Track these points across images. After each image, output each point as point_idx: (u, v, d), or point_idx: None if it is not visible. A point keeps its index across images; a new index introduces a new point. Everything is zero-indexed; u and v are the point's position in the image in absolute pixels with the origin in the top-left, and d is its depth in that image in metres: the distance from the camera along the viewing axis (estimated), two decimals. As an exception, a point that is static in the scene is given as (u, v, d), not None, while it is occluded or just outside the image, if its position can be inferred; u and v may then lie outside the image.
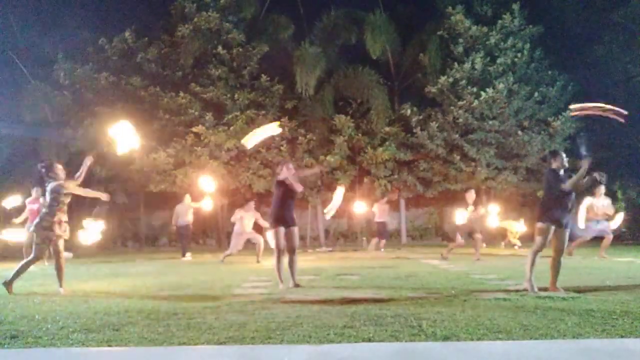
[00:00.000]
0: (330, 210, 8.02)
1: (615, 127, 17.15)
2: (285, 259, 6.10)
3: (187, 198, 12.79)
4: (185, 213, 12.64)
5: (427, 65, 17.83)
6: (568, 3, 17.63)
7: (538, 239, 5.51)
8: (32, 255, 5.83)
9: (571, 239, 7.37)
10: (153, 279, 7.30)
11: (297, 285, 5.99)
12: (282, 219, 6.04)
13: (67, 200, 5.89)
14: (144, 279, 7.21)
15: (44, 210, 5.91)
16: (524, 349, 3.05)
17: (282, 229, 6.02)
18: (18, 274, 5.78)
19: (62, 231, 5.82)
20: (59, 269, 5.83)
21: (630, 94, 16.71)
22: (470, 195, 10.37)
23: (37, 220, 5.88)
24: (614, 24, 16.77)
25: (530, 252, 5.57)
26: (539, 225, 5.51)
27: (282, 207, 6.08)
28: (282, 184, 6.12)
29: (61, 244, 5.87)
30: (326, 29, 18.90)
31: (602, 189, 10.21)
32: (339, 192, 8.06)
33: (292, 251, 6.10)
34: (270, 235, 6.08)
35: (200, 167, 16.48)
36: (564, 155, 5.61)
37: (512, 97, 16.35)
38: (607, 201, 10.39)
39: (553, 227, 5.41)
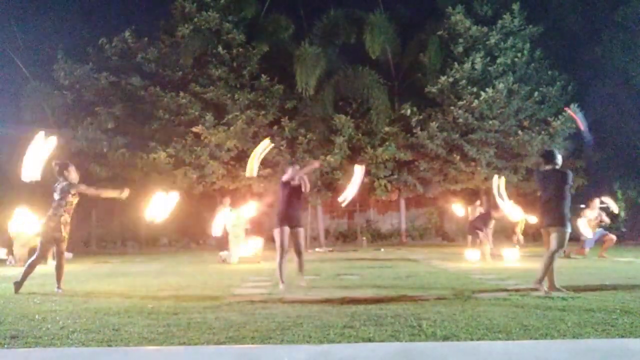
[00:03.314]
0: (347, 196, 7.43)
1: (615, 127, 17.24)
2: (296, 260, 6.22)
3: (227, 201, 12.50)
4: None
5: (427, 65, 17.83)
6: (568, 3, 17.63)
7: (559, 243, 5.36)
8: (36, 254, 5.82)
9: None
10: (153, 279, 7.30)
11: (302, 286, 5.95)
12: (286, 218, 6.07)
13: (75, 201, 5.89)
14: (144, 279, 7.21)
15: (51, 209, 5.82)
16: (524, 349, 3.04)
17: (286, 229, 6.05)
18: (26, 274, 5.77)
19: (67, 232, 5.83)
20: (59, 269, 5.85)
21: (630, 94, 16.72)
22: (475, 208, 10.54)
23: (44, 219, 5.88)
24: (614, 23, 16.76)
25: (549, 254, 5.42)
26: (560, 229, 5.36)
27: (287, 207, 6.11)
28: (286, 184, 6.17)
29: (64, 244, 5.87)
30: (326, 29, 18.90)
31: (596, 201, 10.47)
32: (358, 171, 7.50)
33: (297, 253, 6.19)
34: (275, 234, 6.09)
35: (200, 167, 16.50)
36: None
37: (512, 97, 16.36)
38: (601, 212, 10.56)
39: (570, 229, 5.41)
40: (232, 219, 10.64)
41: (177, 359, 3.02)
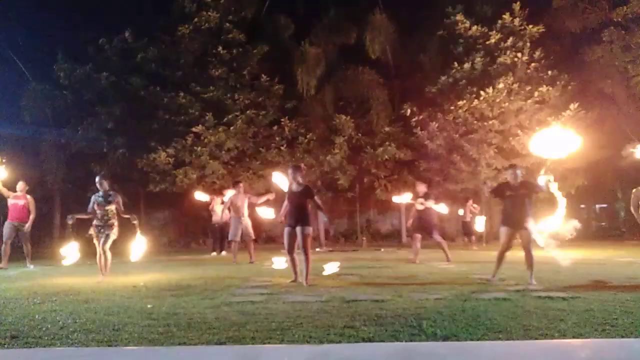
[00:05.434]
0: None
1: (615, 127, 17.22)
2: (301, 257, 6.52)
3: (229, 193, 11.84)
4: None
5: (427, 65, 17.83)
6: (568, 3, 17.62)
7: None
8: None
9: None
10: (153, 279, 7.30)
11: (303, 285, 6.15)
12: (286, 219, 6.57)
13: (101, 210, 7.11)
14: (144, 279, 7.20)
15: None
16: (524, 349, 3.04)
17: (286, 229, 6.48)
18: (102, 268, 7.04)
19: (95, 233, 7.10)
20: (100, 260, 7.10)
21: (630, 94, 16.71)
22: (420, 188, 10.11)
23: None
24: (614, 23, 16.75)
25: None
26: None
27: (288, 209, 6.57)
28: (288, 189, 6.66)
29: (103, 243, 7.08)
30: (326, 29, 18.91)
31: None
32: None
33: (302, 251, 6.45)
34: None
35: (200, 167, 16.50)
36: (510, 171, 6.39)
37: (512, 97, 16.35)
38: None
39: (505, 228, 6.25)
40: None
41: (177, 359, 3.02)
